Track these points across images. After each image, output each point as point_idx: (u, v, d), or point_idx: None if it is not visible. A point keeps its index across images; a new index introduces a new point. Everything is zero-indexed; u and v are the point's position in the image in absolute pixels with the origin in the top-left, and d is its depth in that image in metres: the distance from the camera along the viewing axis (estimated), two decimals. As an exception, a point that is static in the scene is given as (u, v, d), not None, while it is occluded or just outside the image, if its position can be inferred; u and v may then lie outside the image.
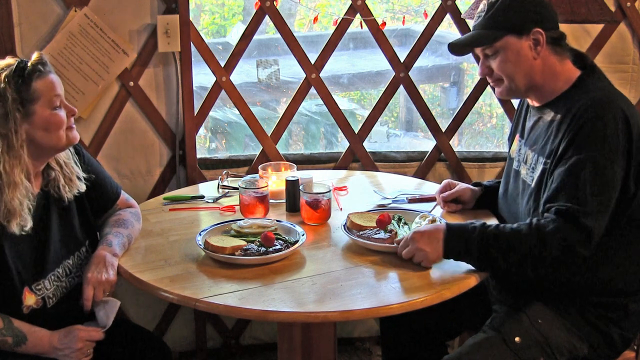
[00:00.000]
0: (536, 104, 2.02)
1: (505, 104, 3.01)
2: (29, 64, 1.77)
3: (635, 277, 1.94)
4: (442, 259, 1.87)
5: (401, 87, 2.94)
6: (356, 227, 2.06)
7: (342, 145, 3.22)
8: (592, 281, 1.91)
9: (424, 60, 3.15)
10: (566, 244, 1.75)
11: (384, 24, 2.83)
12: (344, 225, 2.08)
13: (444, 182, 2.33)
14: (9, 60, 1.78)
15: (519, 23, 1.90)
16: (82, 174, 1.96)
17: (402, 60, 2.90)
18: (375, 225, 2.04)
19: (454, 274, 1.84)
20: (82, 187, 1.96)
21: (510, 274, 1.91)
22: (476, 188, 2.30)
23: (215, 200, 2.44)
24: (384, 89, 2.96)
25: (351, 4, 2.79)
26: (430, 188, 2.57)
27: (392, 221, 2.08)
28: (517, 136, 2.16)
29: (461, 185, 2.29)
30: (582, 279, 1.90)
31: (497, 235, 1.81)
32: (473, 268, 1.86)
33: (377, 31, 2.84)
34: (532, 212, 1.93)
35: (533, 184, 1.96)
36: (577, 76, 1.95)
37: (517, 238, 1.79)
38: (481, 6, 1.98)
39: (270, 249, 1.94)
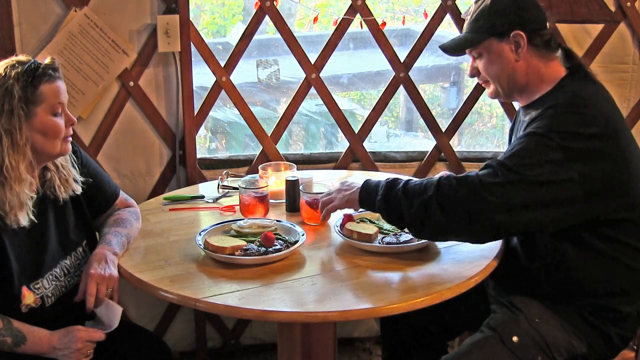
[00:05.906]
0: (522, 105, 2.04)
1: (505, 103, 3.01)
2: (41, 66, 1.78)
3: (619, 280, 1.91)
4: (350, 207, 1.99)
5: (401, 87, 2.94)
6: (356, 235, 2.02)
7: (342, 145, 3.22)
8: (579, 283, 1.91)
9: (424, 60, 3.15)
10: (473, 183, 1.75)
11: (384, 24, 2.83)
12: (341, 233, 2.05)
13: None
14: (22, 58, 1.79)
15: (499, 26, 1.93)
16: (79, 177, 1.96)
17: (402, 60, 2.90)
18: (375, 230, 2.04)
19: (454, 274, 1.84)
20: (78, 189, 1.96)
21: (416, 220, 1.80)
22: None
23: (215, 200, 2.44)
24: (384, 89, 2.96)
25: (351, 4, 2.79)
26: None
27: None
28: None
29: None
30: (572, 280, 1.91)
31: (408, 180, 1.85)
32: (471, 267, 1.85)
33: (377, 31, 2.84)
34: None
35: None
36: (561, 77, 1.95)
37: (429, 182, 1.81)
38: (471, 10, 2.03)
39: (270, 249, 1.94)
